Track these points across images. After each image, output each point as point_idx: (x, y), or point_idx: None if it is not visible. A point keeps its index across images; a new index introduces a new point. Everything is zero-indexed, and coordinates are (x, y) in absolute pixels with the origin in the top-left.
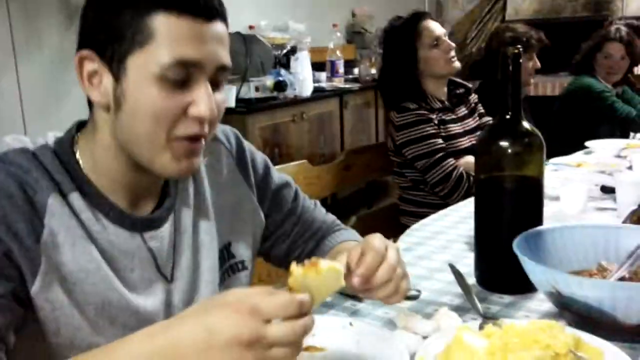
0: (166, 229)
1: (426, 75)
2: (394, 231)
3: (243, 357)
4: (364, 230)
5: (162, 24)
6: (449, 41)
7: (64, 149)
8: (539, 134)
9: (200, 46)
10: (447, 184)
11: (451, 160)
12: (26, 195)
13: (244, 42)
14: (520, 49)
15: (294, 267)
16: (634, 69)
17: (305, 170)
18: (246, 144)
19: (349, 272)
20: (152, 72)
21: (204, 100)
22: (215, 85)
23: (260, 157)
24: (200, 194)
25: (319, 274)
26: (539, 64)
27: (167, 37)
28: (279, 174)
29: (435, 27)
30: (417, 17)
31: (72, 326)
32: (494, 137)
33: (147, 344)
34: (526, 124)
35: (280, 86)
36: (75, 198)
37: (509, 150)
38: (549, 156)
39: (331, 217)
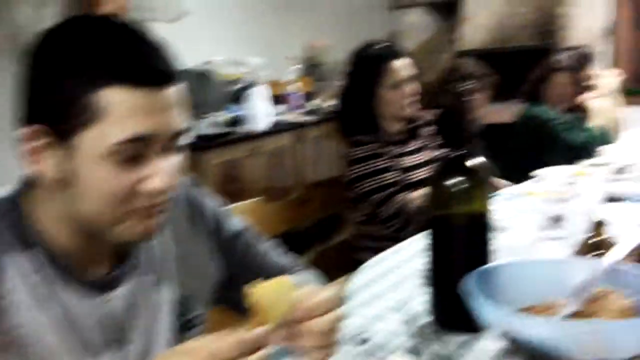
0: (121, 290)
1: (380, 112)
2: (349, 266)
3: None
4: (322, 265)
5: (114, 98)
6: (412, 85)
7: (14, 208)
8: (486, 169)
9: (155, 118)
10: (400, 219)
11: (404, 195)
12: None
13: (198, 78)
14: (469, 86)
15: (248, 289)
16: (580, 96)
17: (260, 208)
18: (198, 192)
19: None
20: (104, 149)
21: (160, 174)
22: (171, 150)
23: (213, 205)
24: (154, 251)
25: (272, 285)
26: (488, 100)
27: (119, 112)
28: (233, 219)
29: (401, 69)
30: (387, 55)
31: None
32: (442, 174)
33: None
34: (473, 160)
35: (235, 121)
36: (27, 260)
37: (457, 187)
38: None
39: (289, 259)
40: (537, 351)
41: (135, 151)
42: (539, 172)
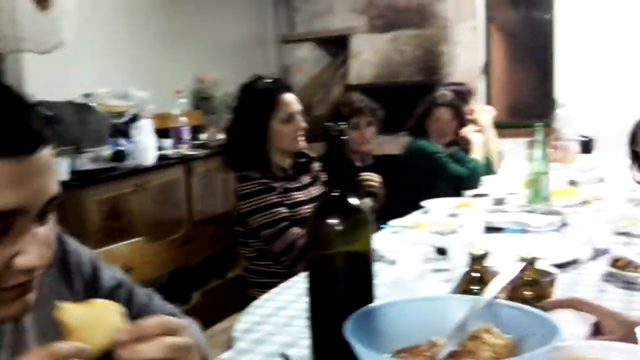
0: None
1: (272, 146)
2: (241, 304)
3: None
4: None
5: None
6: (300, 120)
7: None
8: (366, 209)
9: (24, 188)
10: (292, 254)
11: (295, 229)
12: None
13: (78, 111)
14: (344, 127)
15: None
16: (462, 130)
17: (142, 248)
18: (69, 246)
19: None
20: None
21: (33, 249)
22: (45, 217)
23: (87, 259)
24: (17, 325)
25: (93, 307)
26: (375, 134)
27: None
28: (110, 272)
29: (292, 103)
30: (277, 89)
31: None
32: (321, 214)
33: None
34: (353, 200)
35: (119, 156)
36: None
37: (336, 228)
38: (391, 217)
39: (168, 308)
40: None
41: (6, 224)
42: (427, 204)
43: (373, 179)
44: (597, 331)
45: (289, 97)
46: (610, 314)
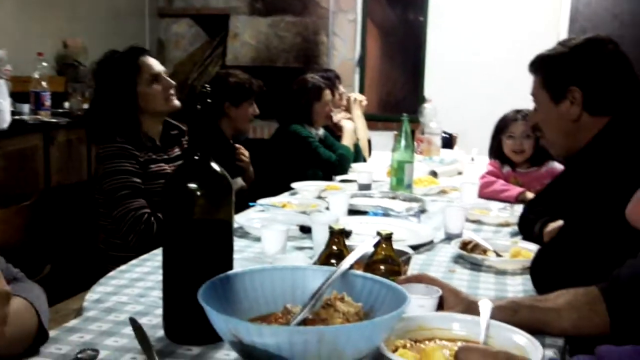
0: None
1: (144, 111)
2: (99, 275)
3: None
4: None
5: None
6: (168, 79)
7: None
8: (228, 176)
9: None
10: (136, 228)
11: (140, 201)
12: None
13: None
14: (209, 88)
15: None
16: (334, 117)
17: None
18: None
19: None
20: None
21: None
22: None
23: None
24: None
25: None
26: (257, 110)
27: None
28: None
29: (154, 64)
30: (136, 52)
31: None
32: (181, 179)
33: None
34: (215, 166)
35: None
36: None
37: (197, 193)
38: (262, 196)
39: (13, 272)
40: None
41: None
42: (295, 185)
43: (244, 152)
44: (440, 306)
45: (150, 59)
46: (452, 290)
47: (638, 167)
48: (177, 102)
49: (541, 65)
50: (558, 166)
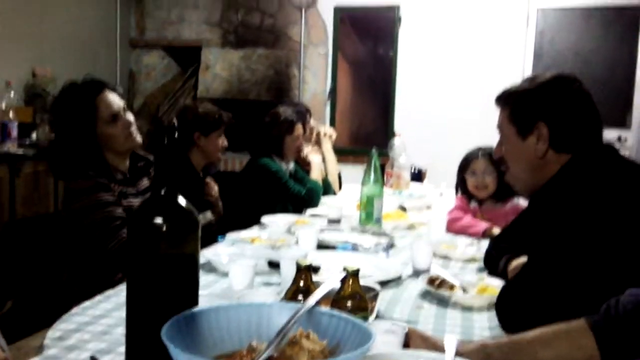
0: None
1: (106, 150)
2: (62, 311)
3: None
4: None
5: None
6: (127, 117)
7: None
8: (195, 211)
9: None
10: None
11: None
12: None
13: None
14: (175, 122)
15: None
16: (303, 150)
17: None
18: None
19: None
20: None
21: None
22: None
23: None
24: None
25: None
26: (226, 143)
27: None
28: None
29: (112, 101)
30: (94, 89)
31: None
32: (146, 214)
33: None
34: (182, 201)
35: None
36: None
37: (162, 228)
38: (232, 229)
39: None
40: None
41: None
42: (265, 219)
43: (213, 187)
44: (406, 345)
45: (109, 96)
46: (421, 335)
47: (599, 204)
48: (138, 139)
49: (509, 100)
50: (522, 202)
